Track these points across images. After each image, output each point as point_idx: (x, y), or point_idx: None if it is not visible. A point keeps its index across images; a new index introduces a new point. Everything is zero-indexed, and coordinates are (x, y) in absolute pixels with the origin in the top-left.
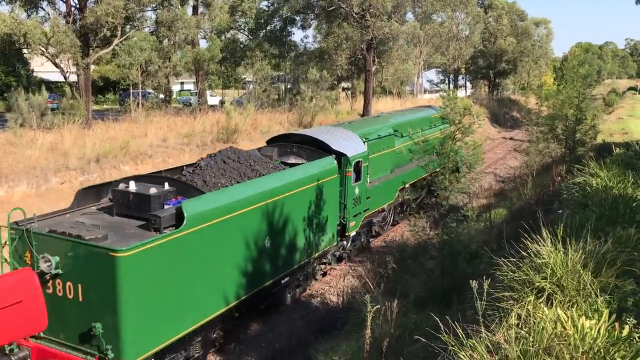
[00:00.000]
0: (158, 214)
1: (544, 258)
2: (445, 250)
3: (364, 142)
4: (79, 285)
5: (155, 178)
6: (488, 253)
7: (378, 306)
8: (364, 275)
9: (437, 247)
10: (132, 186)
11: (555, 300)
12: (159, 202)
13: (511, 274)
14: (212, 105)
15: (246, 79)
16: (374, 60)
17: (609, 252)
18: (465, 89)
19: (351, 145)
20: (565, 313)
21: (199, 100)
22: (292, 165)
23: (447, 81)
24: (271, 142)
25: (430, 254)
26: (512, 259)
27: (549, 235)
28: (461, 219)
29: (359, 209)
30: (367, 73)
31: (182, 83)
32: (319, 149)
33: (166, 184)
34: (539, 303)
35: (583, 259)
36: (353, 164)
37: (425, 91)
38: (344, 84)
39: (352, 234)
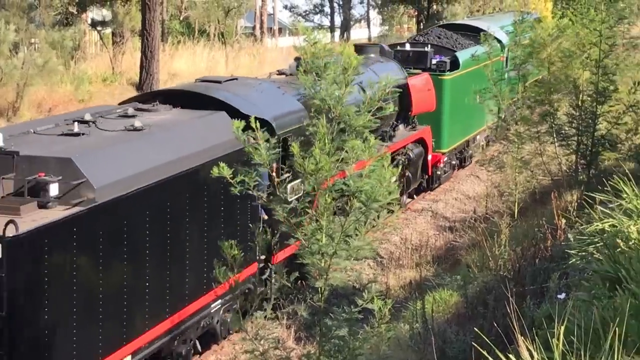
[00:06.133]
0: (445, 60)
1: None
2: None
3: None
4: None
5: (420, 44)
6: None
7: None
8: None
9: None
10: (408, 47)
11: None
12: (430, 57)
13: None
14: None
15: None
16: None
17: None
18: (369, 26)
19: (502, 34)
20: None
21: None
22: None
23: (329, 10)
24: (445, 27)
25: None
26: None
27: (538, 353)
28: (359, 318)
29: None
30: None
31: None
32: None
33: (428, 46)
34: None
35: None
36: (505, 50)
37: (280, 30)
38: (94, 15)
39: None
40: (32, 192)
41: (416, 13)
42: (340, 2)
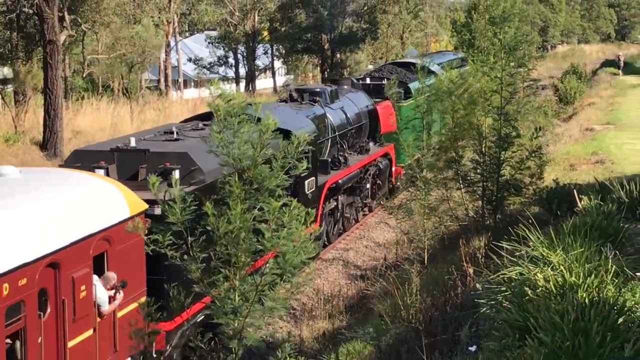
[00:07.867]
0: (400, 91)
1: None
2: None
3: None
4: None
5: (378, 78)
6: None
7: None
8: None
9: None
10: (369, 80)
11: None
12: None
13: None
14: None
15: None
16: (62, 19)
17: None
18: (274, 76)
19: (438, 69)
20: None
21: None
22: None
23: (232, 60)
24: (394, 64)
25: None
26: None
27: None
28: None
29: None
30: (50, 47)
31: None
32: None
33: (385, 80)
34: None
35: None
36: None
37: (185, 83)
38: None
39: None
40: (160, 176)
41: (320, 62)
42: (245, 54)
